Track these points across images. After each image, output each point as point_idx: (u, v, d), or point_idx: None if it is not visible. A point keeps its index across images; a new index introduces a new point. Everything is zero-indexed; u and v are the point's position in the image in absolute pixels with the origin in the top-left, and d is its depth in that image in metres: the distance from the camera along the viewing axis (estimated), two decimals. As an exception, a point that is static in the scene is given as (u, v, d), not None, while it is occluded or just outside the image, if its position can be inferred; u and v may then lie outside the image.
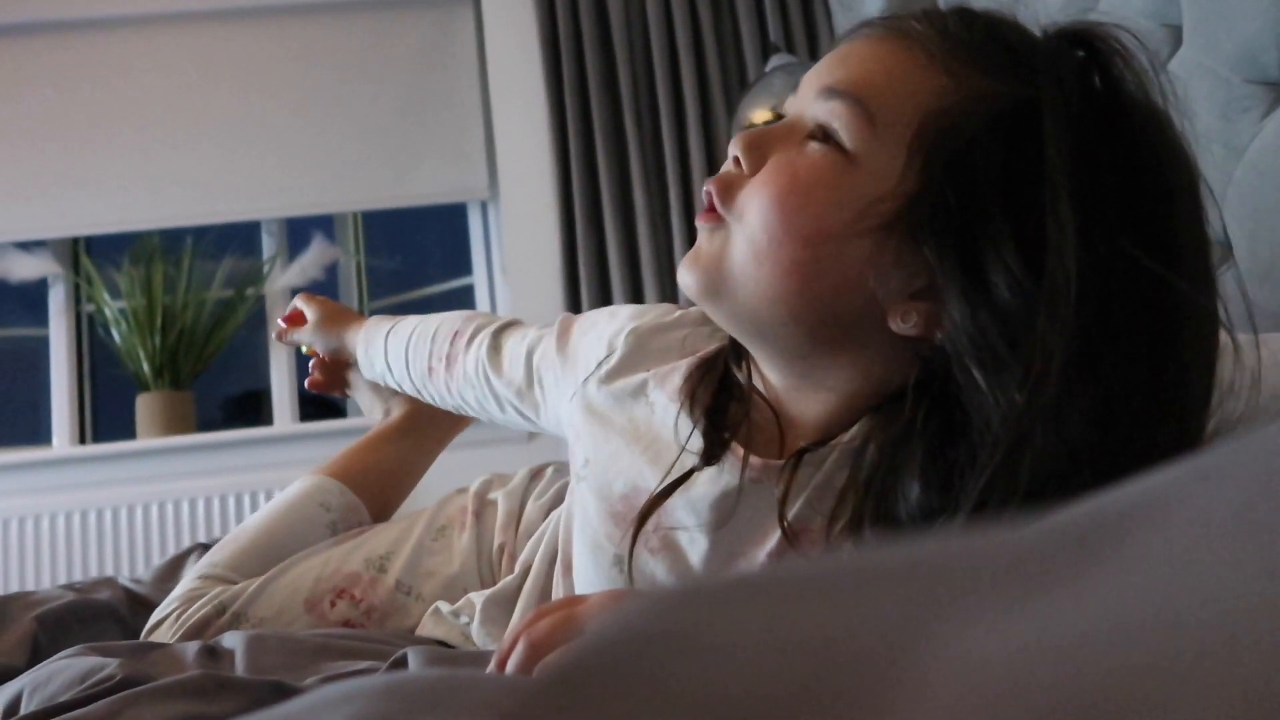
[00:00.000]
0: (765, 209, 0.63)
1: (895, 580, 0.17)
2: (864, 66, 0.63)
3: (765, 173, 0.64)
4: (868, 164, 0.61)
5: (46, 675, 0.64)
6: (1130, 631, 0.14)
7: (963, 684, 0.13)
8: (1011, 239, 0.56)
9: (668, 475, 0.70)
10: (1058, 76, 0.58)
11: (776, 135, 0.65)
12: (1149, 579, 0.15)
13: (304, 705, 0.19)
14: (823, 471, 0.65)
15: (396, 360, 1.05)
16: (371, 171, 2.87)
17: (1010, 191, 0.57)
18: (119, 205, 2.81)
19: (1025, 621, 0.15)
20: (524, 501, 1.02)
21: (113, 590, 1.08)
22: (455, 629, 0.90)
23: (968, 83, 0.60)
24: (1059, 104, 0.57)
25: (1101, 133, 0.58)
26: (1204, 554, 0.15)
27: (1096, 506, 0.18)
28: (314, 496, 1.07)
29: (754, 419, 0.70)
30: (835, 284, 0.62)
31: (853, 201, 0.61)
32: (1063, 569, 0.16)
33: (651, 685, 0.15)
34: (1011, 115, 0.58)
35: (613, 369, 0.78)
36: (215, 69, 2.87)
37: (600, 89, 2.63)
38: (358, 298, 3.16)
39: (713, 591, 0.17)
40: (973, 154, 0.59)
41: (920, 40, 0.62)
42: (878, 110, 0.61)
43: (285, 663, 0.70)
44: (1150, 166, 0.58)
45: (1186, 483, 0.18)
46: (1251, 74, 1.05)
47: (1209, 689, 0.12)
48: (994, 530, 0.18)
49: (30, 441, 2.92)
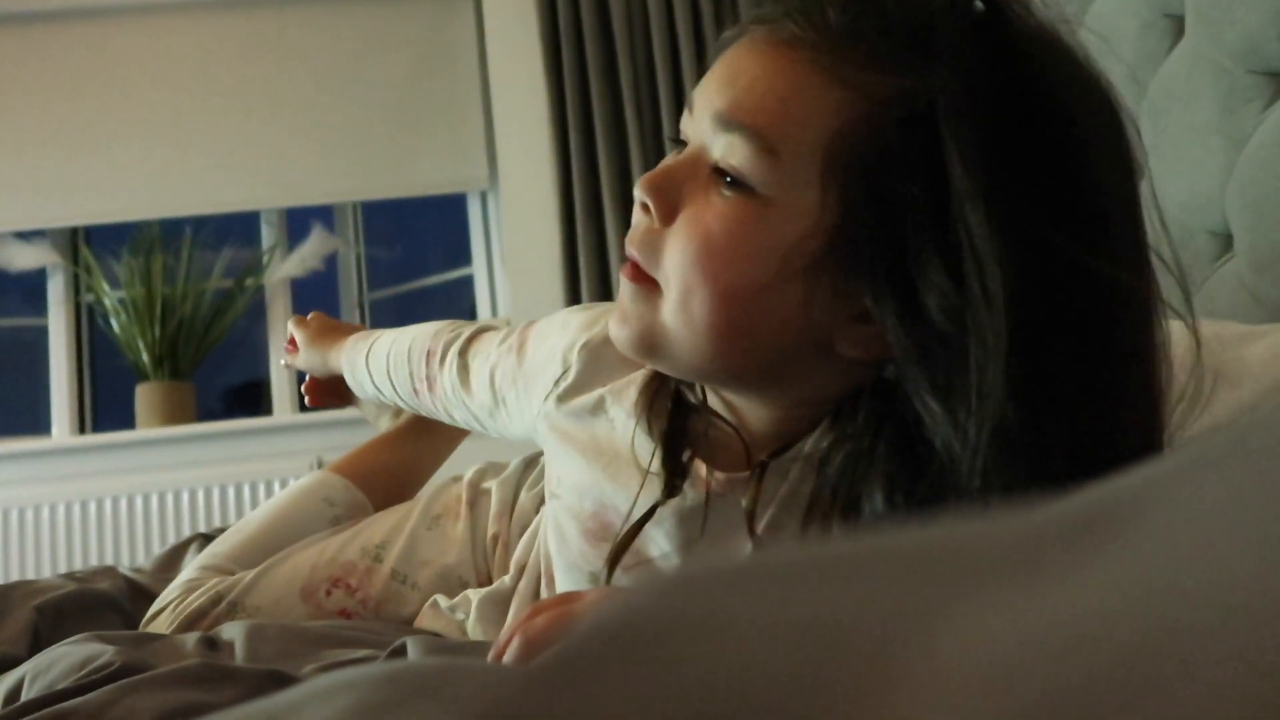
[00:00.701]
0: (687, 274, 0.59)
1: (898, 564, 0.17)
2: (755, 89, 0.58)
3: (680, 232, 0.60)
4: (782, 203, 0.57)
5: (47, 663, 0.64)
6: (1131, 614, 0.14)
7: (966, 666, 0.13)
8: (937, 254, 0.53)
9: (635, 502, 0.68)
10: (955, 55, 0.53)
11: (681, 176, 0.61)
12: (1149, 563, 0.15)
13: (303, 693, 0.19)
14: (789, 481, 0.64)
15: (383, 384, 1.02)
16: (371, 161, 2.87)
17: (932, 201, 0.53)
18: (118, 195, 2.81)
19: (1028, 604, 0.15)
20: (517, 491, 1.01)
21: (113, 580, 1.08)
22: (453, 624, 0.90)
23: (866, 90, 0.55)
24: (957, 90, 0.53)
25: (1011, 107, 0.53)
26: (1202, 539, 0.15)
27: (1097, 494, 0.18)
28: (318, 491, 1.07)
29: (713, 435, 0.68)
30: (773, 331, 0.59)
31: (775, 249, 0.57)
32: (1064, 553, 0.16)
33: (653, 668, 0.15)
34: (920, 113, 0.54)
35: (569, 387, 0.75)
36: (215, 59, 2.86)
37: (600, 79, 2.62)
38: (357, 288, 3.16)
39: (714, 576, 0.17)
40: (886, 169, 0.54)
41: (807, 47, 0.57)
42: (779, 142, 0.57)
43: (285, 651, 0.70)
44: (1072, 139, 0.54)
45: (1185, 469, 0.18)
46: (1254, 65, 1.04)
47: (1208, 670, 0.12)
48: (997, 516, 0.18)
49: (30, 431, 2.92)
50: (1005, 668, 0.13)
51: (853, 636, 0.15)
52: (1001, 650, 0.14)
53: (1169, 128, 1.16)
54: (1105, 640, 0.13)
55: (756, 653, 0.15)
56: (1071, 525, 0.17)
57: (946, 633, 0.14)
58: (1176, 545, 0.15)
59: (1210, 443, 0.19)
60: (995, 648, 0.14)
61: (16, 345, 3.06)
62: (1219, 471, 0.18)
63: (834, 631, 0.15)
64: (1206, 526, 0.16)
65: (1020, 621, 0.14)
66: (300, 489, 1.08)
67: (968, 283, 0.51)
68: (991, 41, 0.54)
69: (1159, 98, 1.18)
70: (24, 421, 2.97)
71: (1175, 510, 0.16)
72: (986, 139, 0.52)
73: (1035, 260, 0.51)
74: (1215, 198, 1.09)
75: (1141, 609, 0.14)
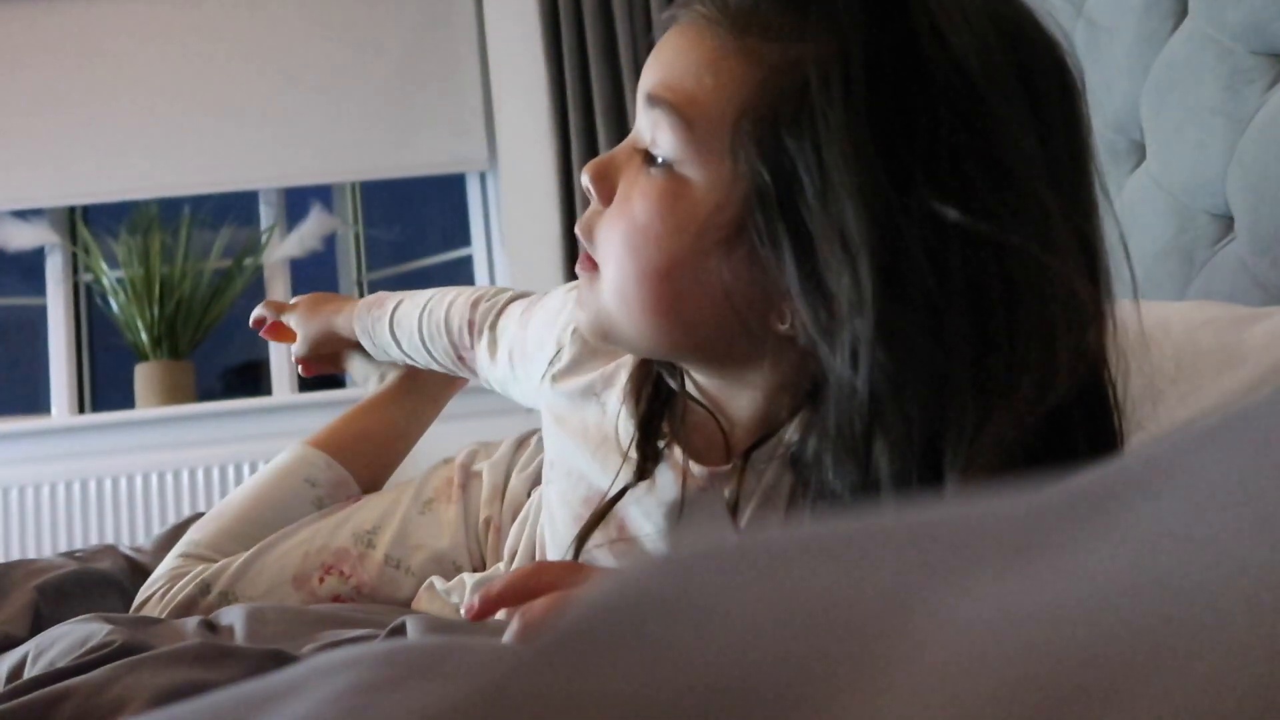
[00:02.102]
0: (617, 254, 0.61)
1: (892, 545, 0.17)
2: (674, 66, 0.59)
3: (611, 213, 0.62)
4: (698, 178, 0.58)
5: (48, 641, 0.65)
6: (1124, 596, 0.14)
7: (958, 646, 0.13)
8: (831, 223, 0.52)
9: (612, 485, 0.69)
10: (835, 16, 0.53)
11: (620, 161, 0.63)
12: (1143, 545, 0.15)
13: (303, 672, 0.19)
14: (771, 471, 0.64)
15: (415, 351, 1.03)
16: (370, 141, 2.86)
17: (821, 171, 0.52)
18: (116, 174, 2.80)
19: (1020, 586, 0.15)
20: (509, 474, 1.01)
21: (114, 559, 1.09)
22: (449, 608, 0.90)
23: (768, 59, 0.55)
24: (830, 53, 0.52)
25: (892, 69, 0.52)
26: (1198, 521, 0.15)
27: (1092, 475, 0.18)
28: (299, 471, 1.04)
29: (692, 421, 0.68)
30: (702, 305, 0.59)
31: (690, 224, 0.58)
32: (1058, 535, 0.16)
33: (650, 648, 0.15)
34: (804, 80, 0.53)
35: (563, 369, 0.76)
36: (214, 38, 2.84)
37: (600, 59, 2.61)
38: (356, 268, 3.15)
39: (709, 556, 0.17)
40: (783, 138, 0.54)
41: (712, 22, 0.58)
42: (694, 116, 0.57)
43: (285, 632, 0.70)
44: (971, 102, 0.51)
45: (1185, 450, 0.18)
46: (1257, 45, 1.04)
47: (1200, 653, 0.12)
48: (990, 498, 0.18)
49: (29, 410, 2.93)
50: (999, 649, 0.13)
51: (845, 617, 0.15)
52: (995, 631, 0.14)
53: (1171, 108, 1.16)
54: (1102, 620, 0.13)
55: (750, 633, 0.15)
56: (1069, 506, 0.17)
57: (938, 613, 0.14)
58: (1175, 526, 0.15)
59: (1210, 423, 0.19)
60: (989, 629, 0.14)
61: (15, 324, 3.06)
62: (1219, 451, 0.18)
63: (827, 612, 0.15)
64: (1206, 507, 0.16)
65: (1015, 603, 0.14)
66: (280, 469, 1.05)
67: (848, 255, 0.50)
68: (877, 7, 0.53)
69: (1161, 78, 1.17)
70: (23, 401, 2.97)
71: (1174, 491, 0.17)
72: (858, 103, 0.51)
73: (911, 232, 0.50)
74: (1217, 179, 1.09)
75: (1139, 589, 0.14)
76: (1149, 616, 0.13)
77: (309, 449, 1.07)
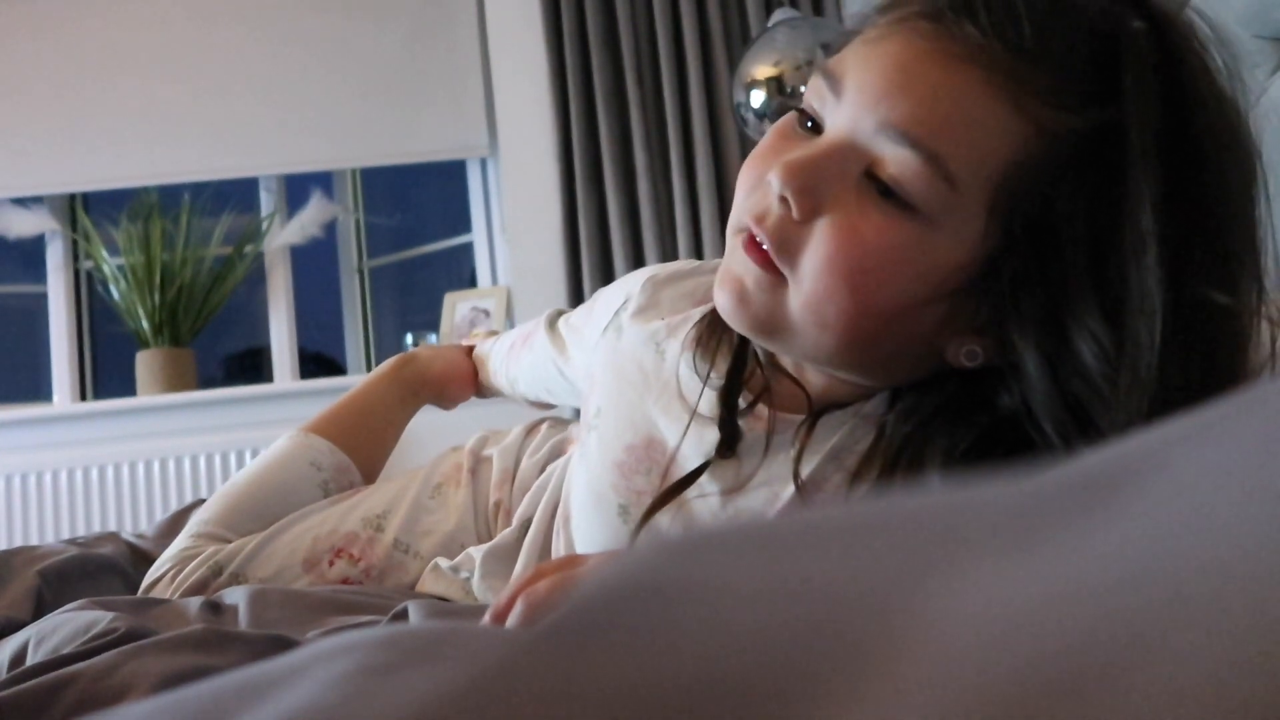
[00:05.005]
0: (829, 281, 0.56)
1: (897, 529, 0.17)
2: (936, 108, 0.54)
3: (827, 236, 0.56)
4: (945, 229, 0.55)
5: (51, 627, 0.65)
6: (1129, 579, 0.14)
7: (963, 629, 0.13)
8: (1097, 302, 0.52)
9: (680, 444, 0.70)
10: (1139, 94, 0.52)
11: (830, 174, 0.56)
12: (1149, 528, 0.15)
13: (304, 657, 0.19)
14: (840, 434, 0.65)
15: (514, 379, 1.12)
16: (371, 128, 2.85)
17: (1095, 242, 0.52)
18: (116, 161, 2.79)
19: (1026, 569, 0.15)
20: (519, 458, 1.02)
21: (115, 545, 1.09)
22: (456, 584, 0.91)
23: (1044, 124, 0.53)
24: (1145, 132, 0.51)
25: (1184, 155, 0.52)
26: (1205, 504, 0.15)
27: (1099, 458, 0.18)
28: (304, 455, 1.05)
29: (775, 388, 0.69)
30: (898, 339, 0.59)
31: (931, 275, 0.56)
32: (1064, 518, 0.16)
33: (649, 635, 0.15)
34: (1094, 150, 0.52)
35: (631, 314, 0.78)
36: (214, 25, 2.83)
37: (601, 46, 2.60)
38: (356, 255, 3.15)
39: (712, 540, 0.17)
40: (1055, 206, 0.53)
41: (990, 67, 0.53)
42: (958, 170, 0.54)
43: (288, 617, 0.70)
44: (1229, 188, 0.53)
45: (1189, 435, 0.18)
46: (1261, 30, 1.03)
47: (1207, 636, 0.12)
48: (996, 481, 0.18)
49: (31, 398, 2.93)
50: (1000, 631, 0.13)
51: (851, 602, 0.15)
52: (999, 615, 0.14)
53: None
54: (1105, 606, 0.13)
55: (754, 618, 0.15)
56: (1072, 491, 0.17)
57: (944, 596, 0.14)
58: (1179, 511, 0.15)
59: (1214, 410, 0.19)
60: (993, 613, 0.14)
61: (16, 312, 3.06)
62: (1222, 437, 0.18)
63: (831, 597, 0.15)
64: (1210, 492, 0.16)
65: (1019, 587, 0.14)
66: (284, 453, 1.06)
67: (1129, 330, 0.51)
68: (1168, 79, 0.53)
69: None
70: (25, 388, 2.98)
71: (1178, 476, 0.16)
72: (1163, 184, 0.51)
73: (1194, 308, 0.51)
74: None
75: (1143, 575, 0.14)
76: (1152, 604, 0.13)
77: (309, 435, 1.08)
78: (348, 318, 3.13)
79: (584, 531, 0.77)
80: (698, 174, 2.56)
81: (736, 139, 2.56)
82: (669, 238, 2.57)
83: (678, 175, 2.56)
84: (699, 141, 2.55)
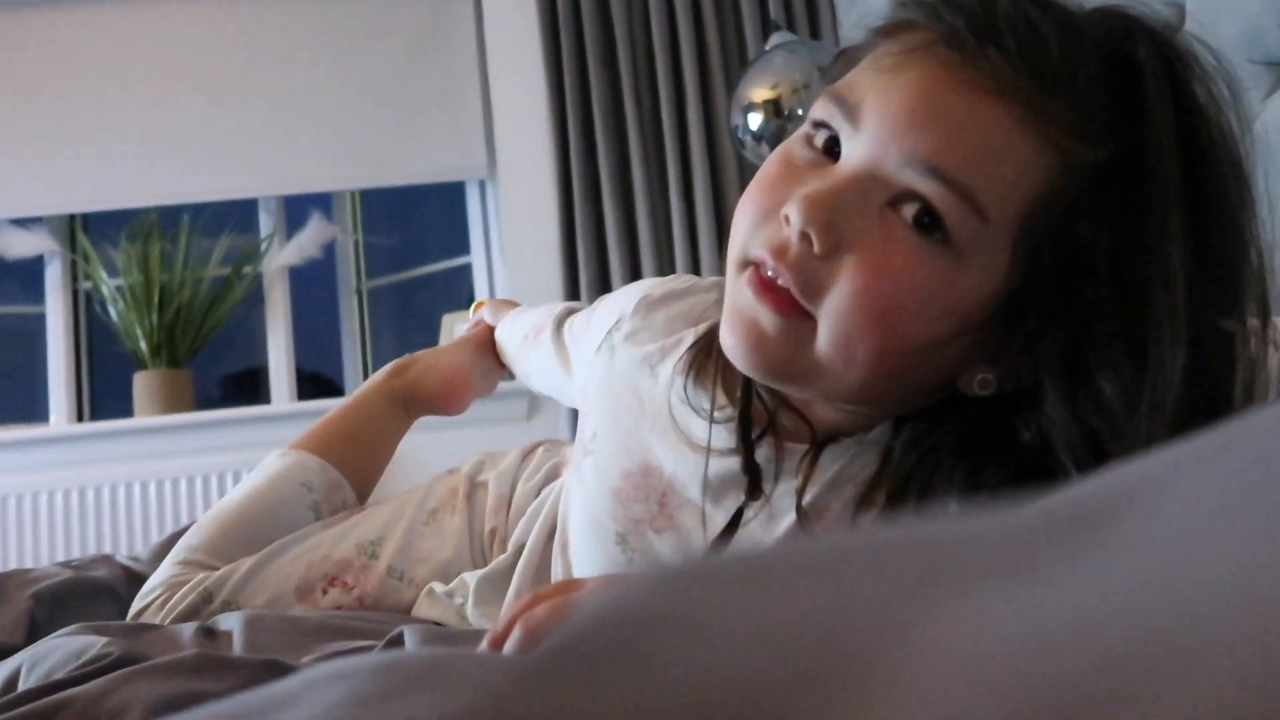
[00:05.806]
0: (864, 322, 0.55)
1: (889, 560, 0.17)
2: (966, 140, 0.53)
3: (855, 273, 0.55)
4: (974, 261, 0.54)
5: (44, 652, 0.64)
6: (1125, 611, 0.14)
7: (955, 663, 0.13)
8: (1122, 333, 0.52)
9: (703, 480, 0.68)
10: (1160, 123, 0.52)
11: (852, 207, 0.55)
12: (1143, 558, 0.15)
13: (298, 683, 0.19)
14: (841, 462, 0.64)
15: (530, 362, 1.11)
16: (370, 149, 2.86)
17: (1120, 274, 0.52)
18: (116, 182, 2.80)
19: (1019, 600, 0.15)
20: (514, 484, 1.00)
21: (110, 568, 1.08)
22: (450, 609, 0.90)
23: (1075, 157, 0.53)
24: (1168, 162, 0.51)
25: (1200, 184, 0.52)
26: (1199, 533, 0.15)
27: (1091, 488, 0.18)
28: (294, 476, 1.03)
29: (782, 423, 0.68)
30: (919, 372, 0.59)
31: (959, 308, 0.55)
32: (1057, 548, 0.16)
33: (644, 664, 0.15)
34: (1113, 181, 0.53)
35: (622, 337, 0.77)
36: (214, 46, 2.85)
37: (599, 67, 2.61)
38: (355, 276, 3.15)
39: (705, 571, 0.17)
40: (1079, 238, 0.53)
41: (1023, 101, 0.53)
42: (989, 205, 0.53)
43: (282, 642, 0.70)
44: (1238, 215, 0.54)
45: (1182, 464, 0.18)
46: (1255, 54, 1.04)
47: (1203, 667, 0.12)
48: (989, 511, 0.18)
49: (28, 419, 2.92)
50: (993, 665, 0.13)
51: (842, 632, 0.15)
52: (989, 648, 0.14)
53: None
54: (1098, 638, 0.13)
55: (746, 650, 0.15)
56: (1065, 521, 0.17)
57: (935, 628, 0.14)
58: (1172, 540, 0.15)
59: (1208, 437, 0.19)
60: (984, 646, 0.14)
61: (14, 332, 3.06)
62: (1216, 464, 0.18)
63: (822, 630, 0.15)
64: (1204, 520, 0.16)
65: (1011, 620, 0.14)
66: (274, 474, 1.03)
67: (1152, 361, 0.51)
68: (1180, 108, 0.53)
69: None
70: (22, 409, 2.97)
71: (1171, 504, 0.16)
72: (1187, 213, 0.52)
73: (1215, 340, 0.52)
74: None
75: (1136, 606, 0.14)
76: (1145, 635, 0.13)
77: (301, 453, 1.06)
78: (346, 338, 3.13)
79: (583, 557, 0.76)
80: (695, 195, 2.57)
81: (734, 161, 2.57)
82: (667, 259, 2.58)
83: (675, 197, 2.57)
84: (697, 163, 2.57)
